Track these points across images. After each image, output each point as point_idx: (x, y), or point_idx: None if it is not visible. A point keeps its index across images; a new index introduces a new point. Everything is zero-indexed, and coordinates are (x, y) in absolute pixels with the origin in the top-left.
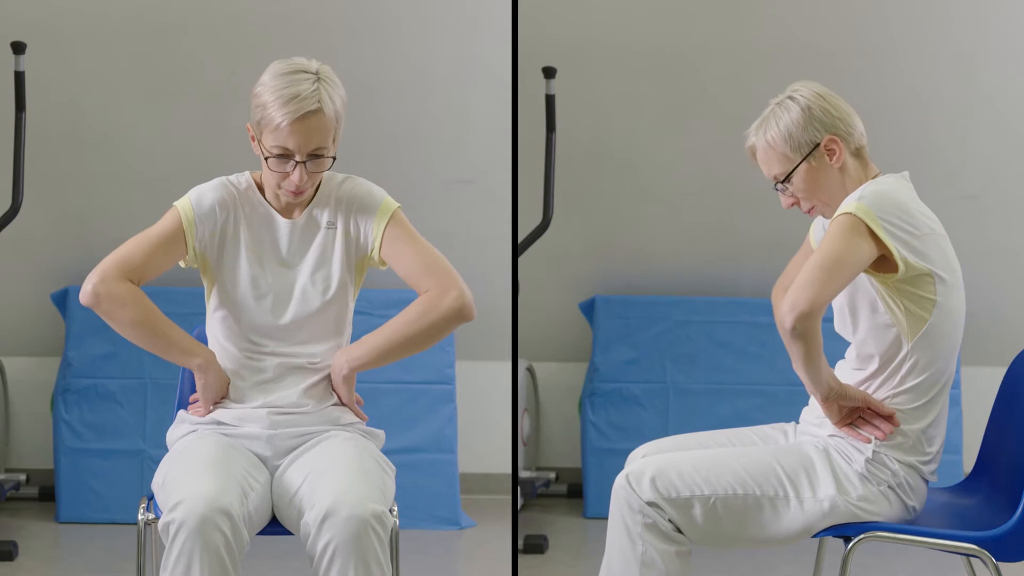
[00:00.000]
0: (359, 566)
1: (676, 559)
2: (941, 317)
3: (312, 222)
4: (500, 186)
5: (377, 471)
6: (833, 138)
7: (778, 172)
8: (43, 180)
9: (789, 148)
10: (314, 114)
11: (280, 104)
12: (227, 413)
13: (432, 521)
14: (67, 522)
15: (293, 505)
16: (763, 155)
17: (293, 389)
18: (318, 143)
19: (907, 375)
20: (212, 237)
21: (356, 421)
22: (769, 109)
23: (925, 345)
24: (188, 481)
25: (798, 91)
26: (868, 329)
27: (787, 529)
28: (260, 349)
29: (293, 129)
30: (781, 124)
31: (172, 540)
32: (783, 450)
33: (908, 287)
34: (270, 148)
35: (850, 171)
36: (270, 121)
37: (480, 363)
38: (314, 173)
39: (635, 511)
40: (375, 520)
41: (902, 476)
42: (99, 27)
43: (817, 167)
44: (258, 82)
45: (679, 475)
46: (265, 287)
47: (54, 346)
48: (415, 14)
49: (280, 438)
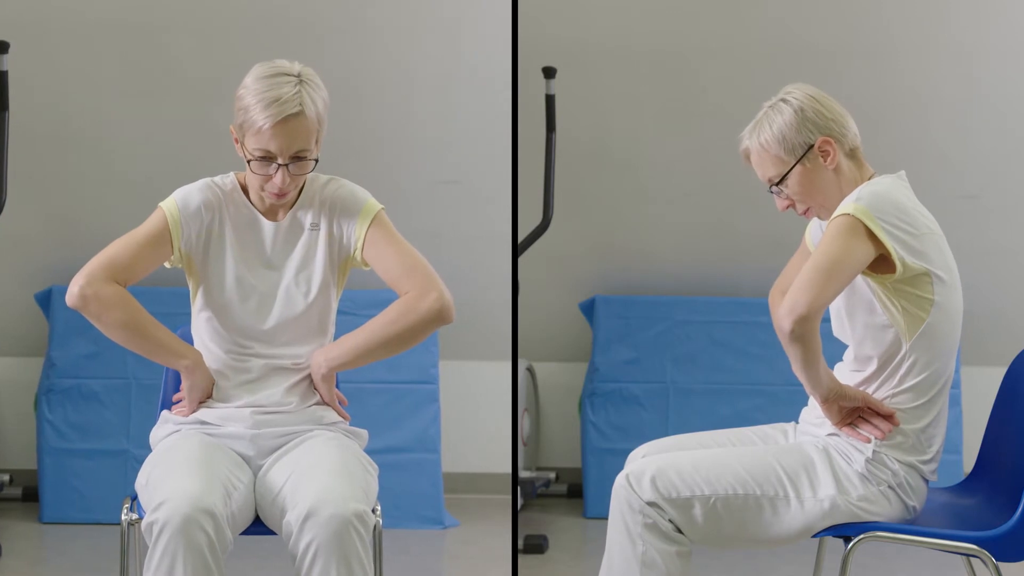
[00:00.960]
0: (341, 565)
1: (676, 559)
2: (939, 316)
3: (296, 224)
4: (499, 186)
5: (360, 471)
6: (827, 139)
7: (772, 175)
8: (27, 180)
9: (783, 150)
10: (296, 117)
11: (262, 107)
12: (211, 413)
13: (416, 521)
14: (51, 522)
15: (276, 505)
16: (757, 158)
17: (276, 388)
18: (300, 146)
19: (906, 375)
20: (198, 238)
21: (339, 420)
22: (762, 112)
23: (924, 345)
24: (171, 481)
25: (791, 93)
26: (865, 330)
27: (787, 529)
28: (245, 350)
29: (275, 132)
30: (774, 127)
31: (155, 540)
32: (783, 450)
33: (906, 287)
34: (252, 151)
35: (845, 172)
36: (252, 124)
37: (480, 363)
38: (297, 175)
39: (635, 511)
40: (357, 519)
41: (902, 476)
42: (83, 26)
43: (812, 169)
44: (241, 85)
45: (679, 475)
46: (250, 288)
47: (38, 346)
48: (407, 14)
49: (263, 437)
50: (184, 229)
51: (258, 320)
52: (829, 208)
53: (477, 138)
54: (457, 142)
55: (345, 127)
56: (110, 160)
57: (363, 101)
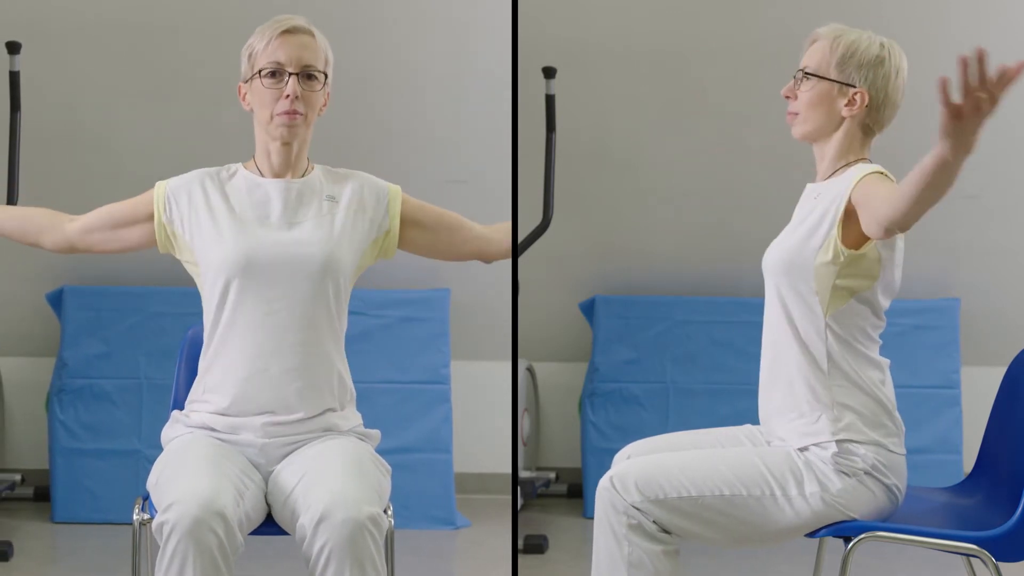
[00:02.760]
0: (355, 568)
1: (664, 558)
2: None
3: (308, 188)
4: (499, 186)
5: (372, 472)
6: (866, 96)
7: (812, 68)
8: (38, 180)
9: (837, 60)
10: (302, 31)
11: (267, 28)
12: (221, 421)
13: (427, 521)
14: (62, 522)
15: (287, 506)
16: (818, 47)
17: (288, 390)
18: (309, 59)
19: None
20: (189, 207)
21: (353, 427)
22: (867, 33)
23: (844, 316)
24: (182, 482)
25: (893, 48)
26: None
27: (775, 528)
28: (262, 348)
29: (282, 41)
30: (859, 46)
31: (166, 541)
32: (768, 450)
33: (858, 266)
34: (262, 67)
35: (847, 131)
36: (262, 39)
37: (480, 363)
38: (308, 92)
39: (620, 512)
40: (370, 522)
41: (872, 458)
42: (94, 27)
43: (833, 98)
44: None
45: (665, 477)
46: (252, 235)
47: (49, 346)
48: (412, 14)
49: (273, 447)
50: (169, 200)
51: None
52: (808, 131)
53: (486, 138)
54: (466, 142)
55: (353, 126)
56: (120, 160)
57: (372, 100)
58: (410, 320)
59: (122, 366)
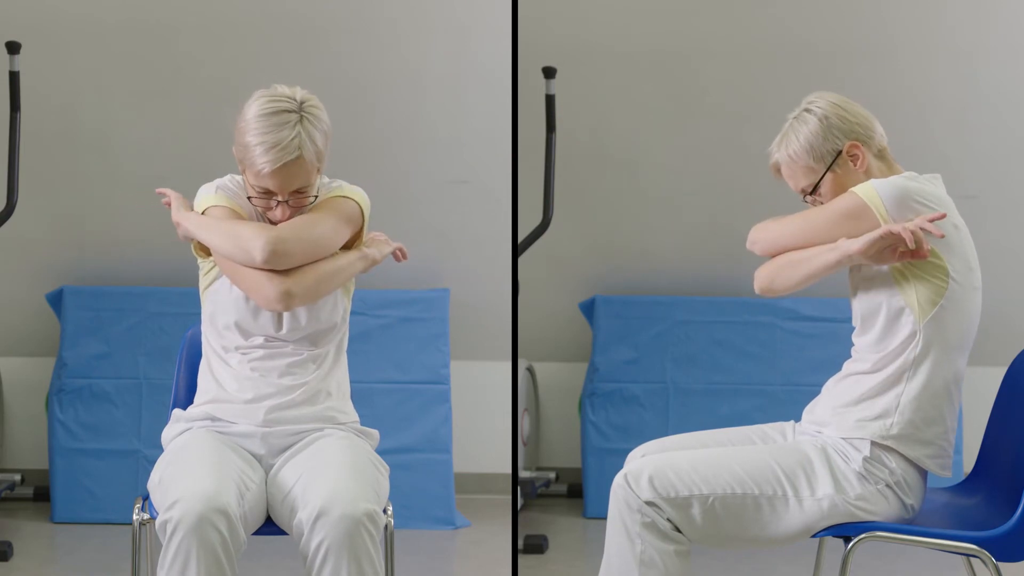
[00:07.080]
0: (352, 565)
1: (675, 558)
2: (951, 307)
3: None
4: (499, 186)
5: (371, 471)
6: (855, 144)
7: (805, 185)
8: (38, 180)
9: (812, 159)
10: (295, 162)
11: (262, 151)
12: (221, 409)
13: (427, 521)
14: (62, 522)
15: (286, 504)
16: (788, 170)
17: (286, 380)
18: (299, 184)
19: (915, 361)
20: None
21: (351, 420)
22: (788, 124)
23: (934, 331)
24: (185, 480)
25: (814, 103)
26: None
27: (786, 529)
28: (259, 343)
29: (274, 174)
30: (801, 137)
31: (169, 538)
32: (781, 450)
33: (919, 271)
34: (253, 186)
35: (875, 173)
36: (252, 164)
37: (480, 363)
38: (296, 207)
39: (633, 510)
40: (368, 519)
41: (900, 474)
42: (94, 27)
43: (843, 174)
44: (241, 116)
45: (677, 475)
46: None
47: (49, 346)
48: (412, 14)
49: (275, 436)
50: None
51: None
52: None
53: (486, 138)
54: (467, 142)
55: (354, 126)
56: (120, 161)
57: (372, 100)
58: (410, 320)
59: (122, 366)
